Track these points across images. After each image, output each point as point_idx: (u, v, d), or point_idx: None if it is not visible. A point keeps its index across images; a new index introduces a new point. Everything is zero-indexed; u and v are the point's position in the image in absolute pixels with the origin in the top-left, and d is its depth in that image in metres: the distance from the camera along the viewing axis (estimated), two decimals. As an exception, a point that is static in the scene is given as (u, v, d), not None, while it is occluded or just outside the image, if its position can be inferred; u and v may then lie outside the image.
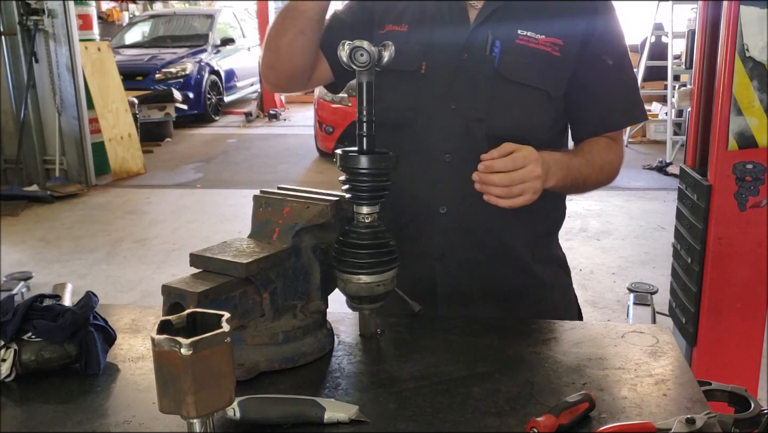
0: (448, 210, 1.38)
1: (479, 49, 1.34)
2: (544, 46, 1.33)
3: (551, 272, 1.49)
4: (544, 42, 1.33)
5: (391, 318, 1.30)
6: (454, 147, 1.36)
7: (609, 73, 1.39)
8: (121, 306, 1.45)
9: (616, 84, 1.41)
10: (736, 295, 2.25)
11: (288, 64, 1.40)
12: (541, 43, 1.33)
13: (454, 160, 1.37)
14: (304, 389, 1.07)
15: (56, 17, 6.92)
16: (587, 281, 4.71)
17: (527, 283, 1.44)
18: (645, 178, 7.44)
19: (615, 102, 1.41)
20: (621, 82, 1.42)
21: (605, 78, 1.39)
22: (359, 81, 1.15)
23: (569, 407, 0.96)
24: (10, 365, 1.10)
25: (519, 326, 1.32)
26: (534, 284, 1.45)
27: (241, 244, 1.14)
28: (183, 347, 0.80)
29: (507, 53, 1.33)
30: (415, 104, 1.36)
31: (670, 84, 8.20)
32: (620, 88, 1.42)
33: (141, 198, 6.91)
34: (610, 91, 1.40)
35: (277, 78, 1.45)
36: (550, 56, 1.34)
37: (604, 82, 1.39)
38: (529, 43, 1.33)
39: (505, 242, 1.41)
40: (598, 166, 1.38)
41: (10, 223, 6.02)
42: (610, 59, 1.37)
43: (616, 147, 1.43)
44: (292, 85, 1.47)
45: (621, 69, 1.41)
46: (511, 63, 1.33)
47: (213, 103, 11.52)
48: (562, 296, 1.51)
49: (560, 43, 1.34)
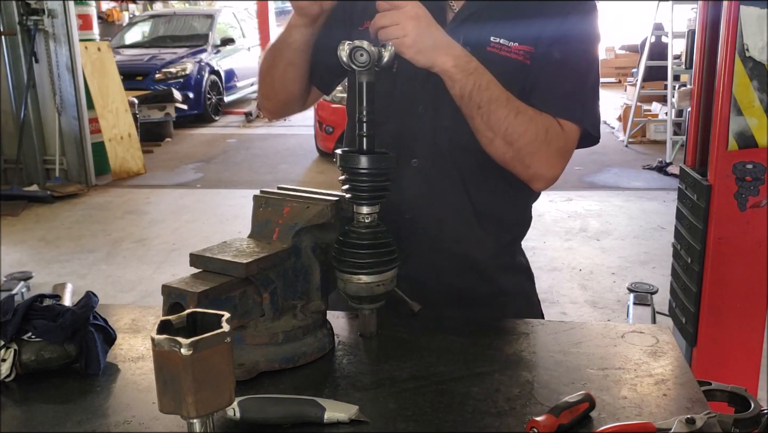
0: (413, 216, 1.38)
1: None
2: (516, 54, 1.30)
3: (514, 280, 1.48)
4: (516, 50, 1.30)
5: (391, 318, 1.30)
6: (422, 152, 1.36)
7: (552, 64, 1.30)
8: (121, 306, 1.45)
9: (552, 72, 1.31)
10: (736, 295, 2.25)
11: (283, 93, 1.45)
12: (513, 51, 1.30)
13: (421, 166, 1.36)
14: (304, 389, 1.07)
15: (56, 17, 6.92)
16: (587, 281, 4.71)
17: (490, 291, 1.43)
18: (645, 178, 7.45)
19: (542, 86, 1.31)
20: (558, 74, 1.31)
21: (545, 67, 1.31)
22: (359, 81, 1.15)
23: (569, 407, 0.96)
24: (10, 365, 1.10)
25: (519, 325, 1.32)
26: (496, 292, 1.43)
27: (241, 244, 1.14)
28: (183, 347, 0.80)
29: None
30: (388, 103, 1.34)
31: (670, 84, 8.21)
32: (554, 77, 1.31)
33: (141, 198, 6.91)
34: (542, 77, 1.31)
35: (274, 107, 1.52)
36: (520, 65, 1.30)
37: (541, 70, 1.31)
38: (501, 50, 1.30)
39: (469, 249, 1.40)
40: (514, 106, 1.25)
41: (10, 223, 6.03)
42: (559, 54, 1.31)
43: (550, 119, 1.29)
44: (289, 111, 1.54)
45: (566, 64, 1.31)
46: None
47: (213, 103, 11.52)
48: (524, 303, 1.49)
49: (532, 51, 1.30)
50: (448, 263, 1.40)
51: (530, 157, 1.28)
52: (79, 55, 7.03)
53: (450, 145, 1.32)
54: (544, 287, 4.43)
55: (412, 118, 1.35)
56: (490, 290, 1.43)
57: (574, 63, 1.33)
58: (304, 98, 1.49)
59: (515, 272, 1.49)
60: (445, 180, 1.37)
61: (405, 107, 1.35)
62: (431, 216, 1.38)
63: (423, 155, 1.36)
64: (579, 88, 1.34)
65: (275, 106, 1.51)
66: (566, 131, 1.31)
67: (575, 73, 1.34)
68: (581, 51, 1.35)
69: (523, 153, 1.27)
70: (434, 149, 1.35)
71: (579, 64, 1.34)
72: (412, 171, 1.37)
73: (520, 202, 1.44)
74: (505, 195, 1.40)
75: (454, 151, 1.32)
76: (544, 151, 1.28)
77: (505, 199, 1.41)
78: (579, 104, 1.33)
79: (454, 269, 1.40)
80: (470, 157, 1.32)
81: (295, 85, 1.43)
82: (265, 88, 1.47)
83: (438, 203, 1.38)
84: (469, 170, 1.35)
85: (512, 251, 1.49)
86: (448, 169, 1.36)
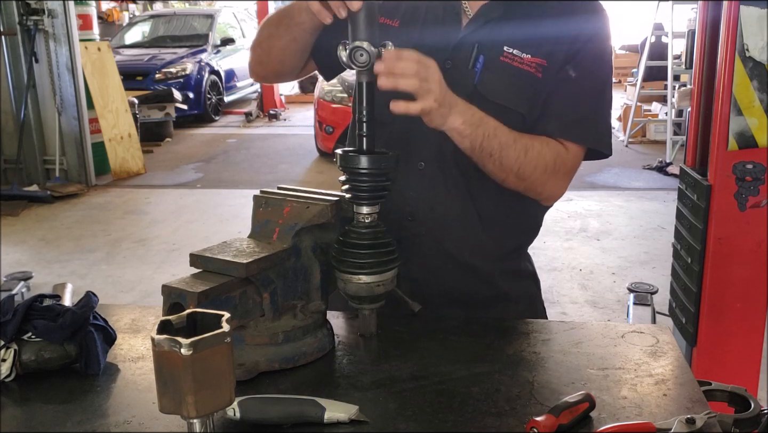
0: (415, 219, 1.38)
1: (463, 61, 1.31)
2: (528, 67, 1.30)
3: (518, 285, 1.47)
4: (528, 62, 1.30)
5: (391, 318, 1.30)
6: (429, 156, 1.36)
7: (567, 83, 1.31)
8: (121, 306, 1.45)
9: (567, 94, 1.32)
10: (736, 295, 2.25)
11: (279, 65, 1.42)
12: (525, 62, 1.30)
13: (427, 170, 1.36)
14: (304, 389, 1.07)
15: (56, 17, 6.92)
16: (587, 281, 4.71)
17: (491, 295, 1.42)
18: (645, 179, 7.45)
19: (557, 109, 1.32)
20: (573, 94, 1.32)
21: (560, 86, 1.31)
22: (359, 81, 1.15)
23: (569, 407, 0.96)
24: (10, 365, 1.10)
25: (519, 326, 1.32)
26: (498, 297, 1.43)
27: (241, 244, 1.14)
28: (183, 347, 0.80)
29: (489, 70, 1.31)
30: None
31: (670, 84, 8.21)
32: (568, 99, 1.32)
33: (141, 198, 6.91)
34: (556, 98, 1.32)
35: (265, 73, 1.48)
36: (532, 77, 1.30)
37: (557, 88, 1.31)
38: (513, 61, 1.30)
39: (472, 253, 1.39)
40: (522, 145, 1.27)
41: (10, 223, 6.02)
42: (574, 72, 1.31)
43: (556, 146, 1.31)
44: (279, 80, 1.53)
45: (580, 84, 1.32)
46: (491, 81, 1.30)
47: (213, 103, 11.52)
48: (527, 308, 1.48)
49: (544, 63, 1.30)
50: (451, 265, 1.40)
51: (541, 187, 1.33)
52: (79, 55, 7.03)
53: (456, 149, 1.32)
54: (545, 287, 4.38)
55: (418, 121, 1.35)
56: (492, 294, 1.43)
57: (589, 83, 1.34)
58: (298, 71, 1.46)
59: (519, 278, 1.48)
60: (449, 183, 1.37)
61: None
62: (435, 219, 1.37)
63: (429, 158, 1.36)
64: (592, 111, 1.35)
65: (267, 73, 1.48)
66: (572, 153, 1.34)
67: (590, 95, 1.35)
68: (596, 71, 1.35)
69: (535, 185, 1.32)
70: (440, 152, 1.35)
71: (594, 85, 1.35)
72: (417, 173, 1.36)
73: (526, 209, 1.43)
74: (511, 202, 1.39)
75: (459, 155, 1.32)
76: (554, 179, 1.33)
77: (511, 205, 1.40)
78: (591, 128, 1.35)
79: (456, 272, 1.40)
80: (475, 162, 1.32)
81: (293, 60, 1.40)
82: (261, 54, 1.42)
83: (442, 206, 1.37)
84: (474, 175, 1.34)
85: (517, 256, 1.48)
86: (453, 173, 1.36)
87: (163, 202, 6.75)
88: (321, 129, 8.10)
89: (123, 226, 6.05)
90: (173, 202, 6.74)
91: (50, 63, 6.98)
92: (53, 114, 7.08)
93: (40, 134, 7.19)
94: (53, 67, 6.98)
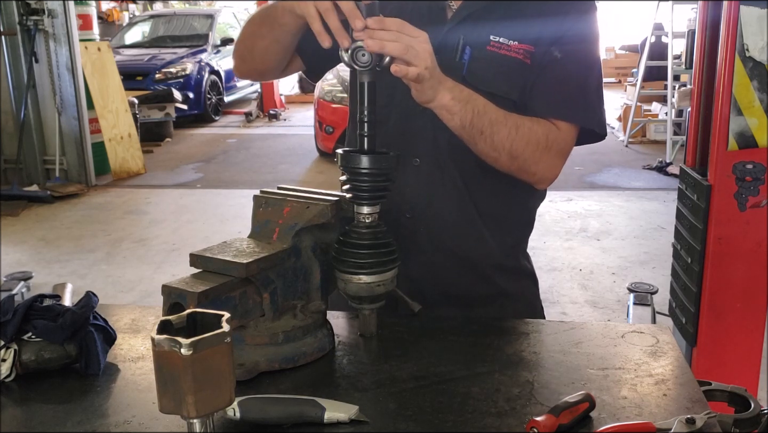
0: (413, 215, 1.38)
1: (450, 53, 1.31)
2: (516, 54, 1.30)
3: (516, 283, 1.47)
4: (516, 48, 1.30)
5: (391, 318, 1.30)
6: (423, 152, 1.36)
7: (553, 64, 1.31)
8: (121, 306, 1.45)
9: (553, 74, 1.31)
10: (736, 295, 2.25)
11: (261, 64, 1.40)
12: (513, 49, 1.30)
13: (422, 166, 1.36)
14: (304, 389, 1.07)
15: (56, 17, 6.92)
16: (587, 281, 4.71)
17: (490, 292, 1.43)
18: (645, 179, 7.45)
19: (544, 89, 1.32)
20: (559, 74, 1.32)
21: (546, 68, 1.31)
22: (360, 81, 1.15)
23: (569, 407, 0.96)
24: (10, 365, 1.10)
25: (519, 325, 1.32)
26: (496, 294, 1.43)
27: (241, 244, 1.14)
28: (183, 347, 0.80)
29: (477, 60, 1.31)
30: (389, 101, 1.34)
31: (670, 84, 8.21)
32: (555, 79, 1.32)
33: (141, 198, 6.91)
34: (542, 79, 1.31)
35: (248, 71, 1.47)
36: (521, 64, 1.30)
37: (543, 70, 1.31)
38: (500, 49, 1.30)
39: (471, 250, 1.39)
40: (513, 121, 1.26)
41: (10, 223, 6.02)
42: (560, 53, 1.31)
43: (547, 124, 1.30)
44: (262, 78, 1.54)
45: (565, 65, 1.31)
46: (479, 71, 1.30)
47: (213, 103, 11.52)
48: (526, 306, 1.48)
49: (532, 50, 1.30)
50: (449, 262, 1.40)
51: (534, 166, 1.31)
52: (79, 55, 7.03)
53: (450, 145, 1.32)
54: (545, 287, 4.43)
55: (413, 117, 1.35)
56: (491, 291, 1.43)
57: (574, 64, 1.33)
58: (280, 71, 1.45)
59: (518, 276, 1.49)
60: (446, 179, 1.37)
61: (406, 106, 1.35)
62: (432, 216, 1.38)
63: (424, 154, 1.36)
64: (580, 89, 1.35)
65: (249, 71, 1.46)
66: (564, 132, 1.32)
67: (576, 74, 1.34)
68: (582, 51, 1.34)
69: (528, 163, 1.29)
70: (435, 148, 1.35)
71: (579, 64, 1.34)
72: (413, 170, 1.37)
73: (522, 202, 1.44)
74: (507, 195, 1.40)
75: (454, 151, 1.32)
76: (546, 157, 1.31)
77: (507, 199, 1.41)
78: (579, 106, 1.34)
79: (455, 268, 1.40)
80: (471, 157, 1.32)
81: (276, 59, 1.38)
82: (244, 52, 1.40)
83: (439, 203, 1.38)
84: (470, 170, 1.35)
85: (515, 253, 1.48)
86: (449, 169, 1.36)
87: (163, 202, 6.75)
88: (321, 129, 8.10)
89: (123, 226, 6.05)
90: (173, 202, 6.74)
91: (50, 63, 6.98)
92: (53, 114, 7.08)
93: (40, 134, 7.20)
94: (53, 67, 6.99)
